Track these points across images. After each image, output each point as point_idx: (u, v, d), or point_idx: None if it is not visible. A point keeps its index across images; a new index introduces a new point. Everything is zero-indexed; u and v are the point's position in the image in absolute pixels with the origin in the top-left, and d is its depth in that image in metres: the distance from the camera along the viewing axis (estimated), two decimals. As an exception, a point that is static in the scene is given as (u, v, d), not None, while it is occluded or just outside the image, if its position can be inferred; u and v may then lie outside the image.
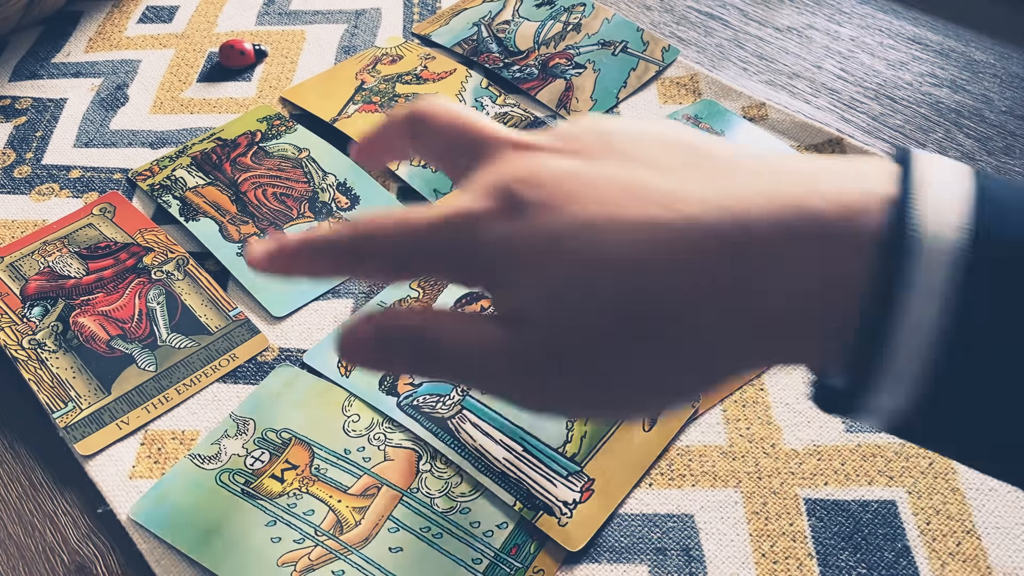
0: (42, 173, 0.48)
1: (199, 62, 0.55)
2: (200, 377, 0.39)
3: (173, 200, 0.46)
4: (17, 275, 0.42)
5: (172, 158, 0.48)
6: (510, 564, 0.32)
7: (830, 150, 0.47)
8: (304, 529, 0.33)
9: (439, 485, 0.35)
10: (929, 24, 0.56)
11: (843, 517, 0.34)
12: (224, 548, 0.33)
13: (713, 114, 0.49)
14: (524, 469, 0.35)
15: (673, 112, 0.50)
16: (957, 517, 0.33)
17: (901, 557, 0.32)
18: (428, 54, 0.55)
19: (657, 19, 0.58)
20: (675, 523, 0.34)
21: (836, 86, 0.52)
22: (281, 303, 0.41)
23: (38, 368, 0.39)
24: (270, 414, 0.37)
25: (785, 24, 0.57)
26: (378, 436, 0.36)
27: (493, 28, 0.56)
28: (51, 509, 0.36)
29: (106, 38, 0.57)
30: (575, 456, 0.35)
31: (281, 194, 0.46)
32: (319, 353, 0.39)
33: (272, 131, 0.50)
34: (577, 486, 0.34)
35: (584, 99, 0.51)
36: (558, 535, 0.33)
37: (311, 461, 0.35)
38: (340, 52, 0.56)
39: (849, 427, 0.36)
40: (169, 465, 0.36)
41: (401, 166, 0.47)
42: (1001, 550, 0.32)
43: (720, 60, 0.54)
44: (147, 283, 0.42)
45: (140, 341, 0.40)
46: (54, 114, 0.52)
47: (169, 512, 0.34)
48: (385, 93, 0.52)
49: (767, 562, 0.33)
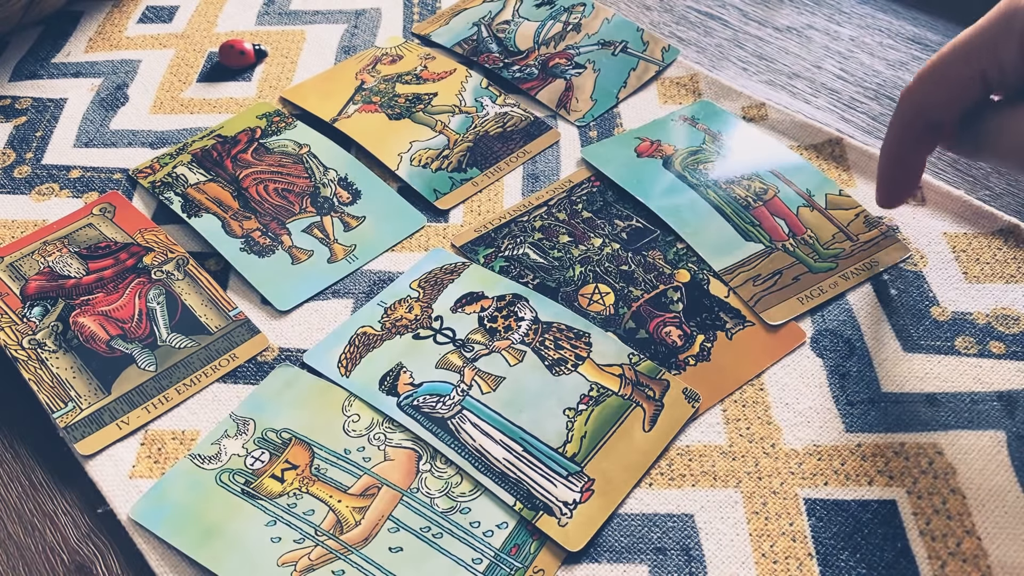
0: (42, 173, 0.48)
1: (199, 62, 0.55)
2: (200, 377, 0.39)
3: (175, 197, 0.46)
4: (17, 275, 0.42)
5: (172, 155, 0.48)
6: (510, 564, 0.32)
7: (830, 150, 0.47)
8: (304, 529, 0.33)
9: (439, 485, 0.35)
10: (929, 24, 0.56)
11: (843, 517, 0.34)
12: (224, 548, 0.33)
13: (710, 115, 0.49)
14: (524, 469, 0.35)
15: (671, 113, 0.50)
16: (957, 517, 0.33)
17: (901, 557, 0.32)
18: (428, 54, 0.55)
19: (657, 19, 0.58)
20: (675, 523, 0.34)
21: (836, 86, 0.52)
22: (285, 297, 0.41)
23: (38, 368, 0.39)
24: (270, 414, 0.37)
25: (785, 24, 0.57)
26: (378, 436, 0.36)
27: (493, 28, 0.56)
28: (51, 509, 0.36)
29: (106, 38, 0.57)
30: (575, 456, 0.35)
31: (283, 190, 0.46)
32: (319, 353, 0.39)
33: (272, 127, 0.50)
34: (577, 486, 0.34)
35: (584, 99, 0.51)
36: (558, 535, 0.33)
37: (311, 461, 0.35)
38: (340, 52, 0.56)
39: (849, 427, 0.36)
40: (169, 465, 0.36)
41: (401, 166, 0.47)
42: (1001, 550, 0.32)
43: (720, 60, 0.54)
44: (147, 283, 0.42)
45: (140, 341, 0.40)
46: (54, 114, 0.52)
47: (169, 512, 0.34)
48: (385, 93, 0.52)
49: (767, 562, 0.33)
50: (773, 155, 0.47)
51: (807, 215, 0.43)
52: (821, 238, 0.42)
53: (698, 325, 0.40)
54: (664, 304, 0.41)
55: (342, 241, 0.44)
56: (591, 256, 0.43)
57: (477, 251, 0.43)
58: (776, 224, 0.43)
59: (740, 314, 0.40)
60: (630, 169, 0.46)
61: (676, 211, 0.44)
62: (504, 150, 0.49)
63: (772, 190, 0.45)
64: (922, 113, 0.36)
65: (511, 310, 0.40)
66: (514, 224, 0.44)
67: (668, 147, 0.48)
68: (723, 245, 0.42)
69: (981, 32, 0.32)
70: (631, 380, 0.38)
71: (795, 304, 0.40)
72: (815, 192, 0.44)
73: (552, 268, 0.42)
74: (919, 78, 0.35)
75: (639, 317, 0.40)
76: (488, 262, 0.43)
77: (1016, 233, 0.42)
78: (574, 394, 0.37)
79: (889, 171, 0.39)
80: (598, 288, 0.41)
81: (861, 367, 0.38)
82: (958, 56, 0.33)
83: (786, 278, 0.41)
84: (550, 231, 0.44)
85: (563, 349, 0.39)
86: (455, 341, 0.39)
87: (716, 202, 0.44)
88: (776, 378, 0.38)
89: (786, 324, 0.39)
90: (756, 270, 0.41)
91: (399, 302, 0.41)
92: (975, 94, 0.33)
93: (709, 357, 0.39)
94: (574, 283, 0.42)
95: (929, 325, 0.39)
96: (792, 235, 0.43)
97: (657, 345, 0.39)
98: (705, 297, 0.41)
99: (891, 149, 0.38)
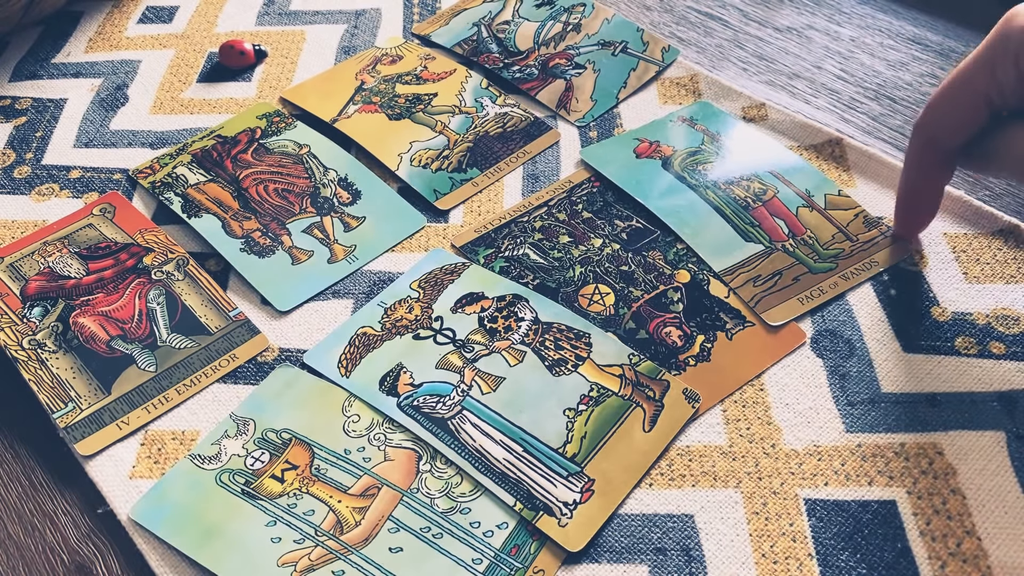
0: (42, 173, 0.48)
1: (199, 62, 0.55)
2: (200, 377, 0.39)
3: (175, 197, 0.46)
4: (17, 275, 0.42)
5: (172, 156, 0.48)
6: (510, 564, 0.32)
7: (830, 150, 0.47)
8: (304, 529, 0.33)
9: (439, 485, 0.35)
10: (929, 24, 0.56)
11: (843, 517, 0.34)
12: (224, 548, 0.33)
13: (708, 115, 0.49)
14: (524, 470, 0.35)
15: (670, 114, 0.50)
16: (957, 517, 0.33)
17: (901, 557, 0.32)
18: (428, 54, 0.55)
19: (657, 19, 0.58)
20: (675, 523, 0.34)
21: (836, 86, 0.52)
22: (285, 297, 0.41)
23: (38, 368, 0.39)
24: (270, 414, 0.37)
25: (785, 24, 0.57)
26: (378, 436, 0.36)
27: (493, 28, 0.56)
28: (51, 509, 0.36)
29: (106, 38, 0.57)
30: (575, 456, 0.35)
31: (283, 190, 0.46)
32: (319, 353, 0.39)
33: (272, 128, 0.50)
34: (577, 487, 0.34)
35: (584, 99, 0.51)
36: (558, 536, 0.33)
37: (311, 461, 0.35)
38: (340, 52, 0.56)
39: (849, 427, 0.36)
40: (169, 465, 0.36)
41: (401, 166, 0.47)
42: (1001, 550, 0.32)
43: (720, 60, 0.54)
44: (147, 283, 0.42)
45: (140, 341, 0.40)
46: (54, 114, 0.52)
47: (169, 512, 0.34)
48: (385, 93, 0.52)
49: (767, 562, 0.33)
50: (772, 155, 0.47)
51: (807, 215, 0.43)
52: (821, 238, 0.42)
53: (698, 325, 0.40)
54: (664, 304, 0.41)
55: (342, 241, 0.44)
56: (591, 256, 0.43)
57: (477, 251, 0.43)
58: (776, 224, 0.43)
59: (740, 314, 0.40)
60: (629, 170, 0.46)
61: (676, 212, 0.44)
62: (504, 150, 0.49)
63: (771, 190, 0.45)
64: (934, 141, 0.36)
65: (511, 310, 0.40)
66: (514, 224, 0.44)
67: (667, 148, 0.48)
68: (723, 246, 0.42)
69: (980, 56, 0.33)
70: (631, 381, 0.38)
71: (795, 305, 0.40)
72: (814, 192, 0.44)
73: (552, 268, 0.42)
74: (928, 108, 0.36)
75: (639, 317, 0.40)
76: (488, 262, 0.43)
77: (1016, 233, 0.42)
78: (574, 394, 0.37)
79: (907, 201, 0.40)
80: (598, 288, 0.41)
81: (861, 367, 0.38)
82: (962, 82, 0.34)
83: (786, 279, 0.41)
84: (550, 231, 0.44)
85: (563, 349, 0.39)
86: (455, 341, 0.39)
87: (716, 203, 0.44)
88: (776, 378, 0.38)
89: (786, 325, 0.39)
90: (756, 271, 0.41)
91: (399, 302, 0.41)
92: (982, 118, 0.34)
93: (709, 357, 0.39)
94: (574, 283, 0.42)
95: (929, 325, 0.39)
96: (792, 235, 0.43)
97: (657, 345, 0.39)
98: (705, 297, 0.41)
99: (909, 180, 0.39)
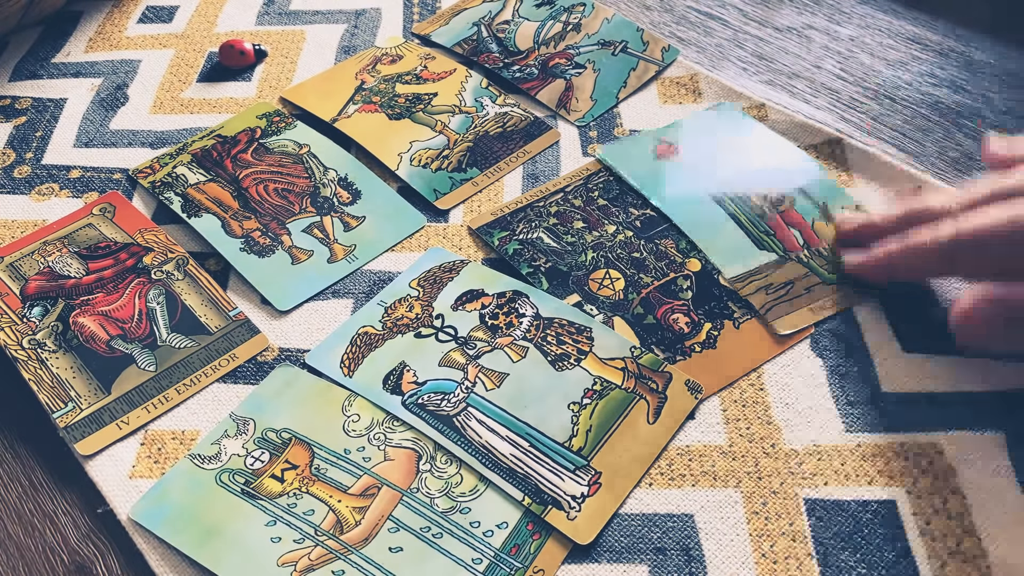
0: (42, 173, 0.48)
1: (199, 62, 0.55)
2: (200, 377, 0.39)
3: (175, 197, 0.46)
4: (17, 275, 0.42)
5: (172, 155, 0.48)
6: (510, 564, 0.32)
7: (829, 150, 0.47)
8: (304, 529, 0.33)
9: (439, 485, 0.35)
10: (929, 24, 0.56)
11: (843, 517, 0.34)
12: (224, 548, 0.33)
13: (729, 118, 0.49)
14: (531, 464, 0.35)
15: (692, 114, 0.50)
16: (957, 517, 0.33)
17: (901, 557, 0.33)
18: (428, 54, 0.55)
19: (657, 19, 0.58)
20: (675, 523, 0.34)
21: (836, 86, 0.52)
22: (285, 297, 0.41)
23: (38, 368, 0.39)
24: (270, 414, 0.37)
25: (785, 24, 0.57)
26: (378, 436, 0.36)
27: (493, 28, 0.56)
28: (51, 509, 0.36)
29: (106, 38, 0.57)
30: (581, 450, 0.35)
31: (283, 190, 0.46)
32: (321, 353, 0.39)
33: (272, 127, 0.50)
34: (584, 480, 0.34)
35: (584, 99, 0.51)
36: (568, 529, 0.33)
37: (311, 461, 0.35)
38: (340, 52, 0.56)
39: (849, 427, 0.36)
40: (169, 465, 0.36)
41: (401, 166, 0.47)
42: (1001, 550, 0.32)
43: (720, 60, 0.54)
44: (147, 283, 0.42)
45: (140, 341, 0.40)
46: (54, 114, 0.52)
47: (169, 512, 0.34)
48: (385, 93, 0.52)
49: (767, 562, 0.33)
50: (790, 163, 0.47)
51: (822, 227, 0.43)
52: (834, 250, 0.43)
53: (706, 313, 0.40)
54: (674, 292, 0.41)
55: (342, 241, 0.44)
56: (604, 242, 0.43)
57: (492, 233, 0.44)
58: (791, 234, 0.43)
59: (749, 304, 0.40)
60: (647, 170, 0.46)
61: (690, 216, 0.44)
62: (504, 150, 0.49)
63: (789, 200, 0.45)
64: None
65: (512, 307, 0.40)
66: (530, 209, 0.45)
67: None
68: (736, 252, 0.42)
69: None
70: (634, 373, 0.38)
71: (806, 314, 0.40)
72: (831, 204, 0.44)
73: (564, 252, 0.43)
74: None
75: (647, 303, 0.40)
76: (502, 244, 0.43)
77: (1016, 233, 0.42)
78: (578, 388, 0.37)
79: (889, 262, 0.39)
80: (609, 273, 0.41)
81: (861, 367, 0.38)
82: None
83: (798, 288, 0.41)
84: (565, 216, 0.44)
85: (565, 344, 0.39)
86: (457, 339, 0.39)
87: (731, 209, 0.44)
88: (776, 378, 0.38)
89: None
90: (768, 279, 0.41)
91: (399, 301, 0.41)
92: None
93: (715, 345, 0.39)
94: (585, 268, 0.42)
95: (929, 325, 0.39)
96: (806, 246, 0.43)
97: (664, 331, 0.39)
98: (715, 286, 0.41)
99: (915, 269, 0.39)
